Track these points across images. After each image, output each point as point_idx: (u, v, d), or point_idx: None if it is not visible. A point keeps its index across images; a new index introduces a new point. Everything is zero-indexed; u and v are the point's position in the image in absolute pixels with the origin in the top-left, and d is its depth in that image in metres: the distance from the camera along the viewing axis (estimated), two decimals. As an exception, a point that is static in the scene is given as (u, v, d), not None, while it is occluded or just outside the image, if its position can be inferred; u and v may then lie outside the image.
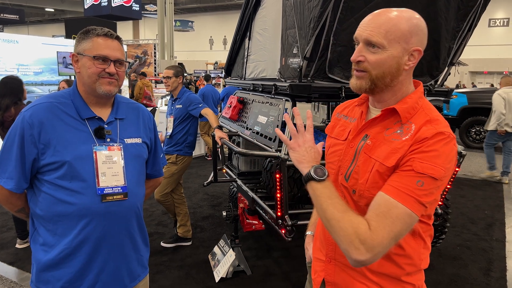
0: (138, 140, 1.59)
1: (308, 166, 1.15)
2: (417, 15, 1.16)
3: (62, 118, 1.44)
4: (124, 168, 1.51)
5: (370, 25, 1.16)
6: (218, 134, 3.50)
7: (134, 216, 1.56)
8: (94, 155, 1.44)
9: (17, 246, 4.02)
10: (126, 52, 14.60)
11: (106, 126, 1.51)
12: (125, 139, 1.54)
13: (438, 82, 3.22)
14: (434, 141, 1.08)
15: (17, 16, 24.69)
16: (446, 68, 3.19)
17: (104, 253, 1.48)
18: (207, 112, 3.78)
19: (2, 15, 23.72)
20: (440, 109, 10.34)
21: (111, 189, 1.46)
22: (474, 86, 22.87)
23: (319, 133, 3.41)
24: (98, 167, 1.44)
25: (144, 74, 12.92)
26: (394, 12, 1.15)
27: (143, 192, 1.65)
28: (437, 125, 1.12)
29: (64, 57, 9.83)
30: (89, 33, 1.47)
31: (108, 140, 1.49)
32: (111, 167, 1.47)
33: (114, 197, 1.46)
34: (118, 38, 1.52)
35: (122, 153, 1.51)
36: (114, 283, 1.53)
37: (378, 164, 1.15)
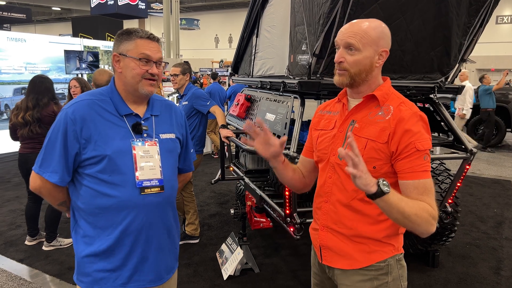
0: (172, 136, 1.66)
1: (374, 185, 1.24)
2: (383, 24, 1.45)
3: (102, 115, 1.50)
4: (161, 162, 1.57)
5: (348, 32, 1.44)
6: (223, 133, 3.48)
7: (170, 208, 1.63)
8: (132, 149, 1.51)
9: (26, 243, 4.04)
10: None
11: (143, 122, 1.57)
12: (160, 135, 1.61)
13: (449, 79, 3.18)
14: (414, 121, 1.38)
15: (24, 15, 24.80)
16: (457, 65, 3.15)
17: (143, 245, 1.53)
18: (215, 109, 3.77)
19: (9, 14, 23.85)
20: (447, 107, 10.25)
21: (149, 182, 1.52)
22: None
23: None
24: (136, 161, 1.50)
25: None
26: (364, 22, 1.44)
27: (177, 185, 1.71)
28: (410, 106, 1.44)
29: (78, 57, 9.78)
30: (132, 34, 1.53)
31: (145, 135, 1.56)
32: (148, 161, 1.53)
33: (152, 189, 1.52)
34: (158, 41, 1.59)
35: (158, 148, 1.57)
36: (151, 274, 1.58)
37: (371, 141, 1.41)
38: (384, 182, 1.24)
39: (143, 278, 1.56)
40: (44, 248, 3.96)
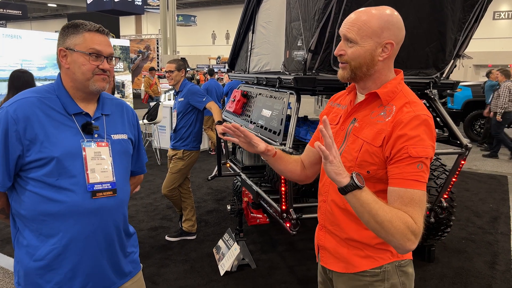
0: (124, 136, 1.57)
1: (347, 176, 1.16)
2: (388, 11, 1.31)
3: (49, 113, 1.39)
4: (113, 164, 1.49)
5: (347, 23, 1.34)
6: (219, 129, 3.48)
7: (121, 212, 1.55)
8: (83, 151, 1.41)
9: (23, 240, 4.03)
10: (129, 47, 14.56)
11: (93, 122, 1.47)
12: (112, 135, 1.52)
13: (444, 75, 3.19)
14: (413, 125, 1.24)
15: (20, 12, 24.70)
16: (452, 61, 3.16)
17: (94, 253, 1.45)
18: (211, 106, 3.77)
19: (4, 10, 23.74)
20: (444, 103, 10.28)
21: (100, 185, 1.43)
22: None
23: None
24: (87, 163, 1.41)
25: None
26: (367, 11, 1.32)
27: (130, 189, 1.63)
28: (415, 107, 1.29)
29: None
30: (79, 27, 1.42)
31: (96, 136, 1.47)
32: (100, 163, 1.44)
33: (104, 193, 1.44)
34: (108, 34, 1.49)
35: (110, 149, 1.49)
36: (102, 281, 1.50)
37: (366, 144, 1.32)
38: (359, 176, 1.16)
39: (96, 286, 1.48)
40: None
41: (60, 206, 1.37)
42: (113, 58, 1.48)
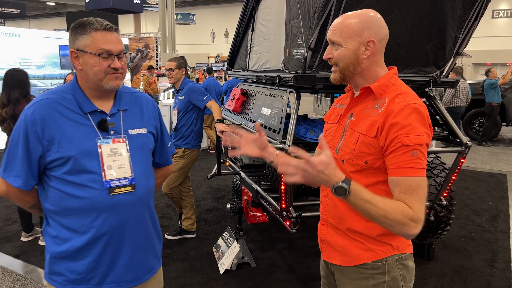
0: (143, 131, 1.57)
1: (331, 186, 1.23)
2: (371, 13, 1.40)
3: (64, 114, 1.43)
4: (130, 160, 1.50)
5: (331, 28, 1.44)
6: (219, 128, 3.48)
7: (145, 207, 1.56)
8: (98, 148, 1.44)
9: (22, 239, 4.03)
10: (127, 45, 14.55)
11: (109, 118, 1.49)
12: (129, 131, 1.53)
13: (444, 73, 3.18)
14: (405, 114, 1.29)
15: (18, 10, 24.60)
16: (452, 59, 3.16)
17: (115, 247, 1.48)
18: (212, 105, 3.76)
19: (3, 9, 23.65)
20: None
21: (118, 181, 1.45)
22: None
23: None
24: (103, 160, 1.44)
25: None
26: (350, 14, 1.41)
27: (153, 183, 1.63)
28: (406, 97, 1.35)
29: None
30: (87, 27, 1.43)
31: (112, 132, 1.48)
32: (116, 159, 1.47)
33: (122, 189, 1.46)
34: (116, 30, 1.48)
35: (127, 145, 1.51)
36: (127, 275, 1.52)
37: (362, 136, 1.38)
38: (342, 186, 1.20)
39: (118, 279, 1.50)
40: (40, 243, 3.95)
41: (81, 202, 1.42)
42: (124, 54, 1.49)
